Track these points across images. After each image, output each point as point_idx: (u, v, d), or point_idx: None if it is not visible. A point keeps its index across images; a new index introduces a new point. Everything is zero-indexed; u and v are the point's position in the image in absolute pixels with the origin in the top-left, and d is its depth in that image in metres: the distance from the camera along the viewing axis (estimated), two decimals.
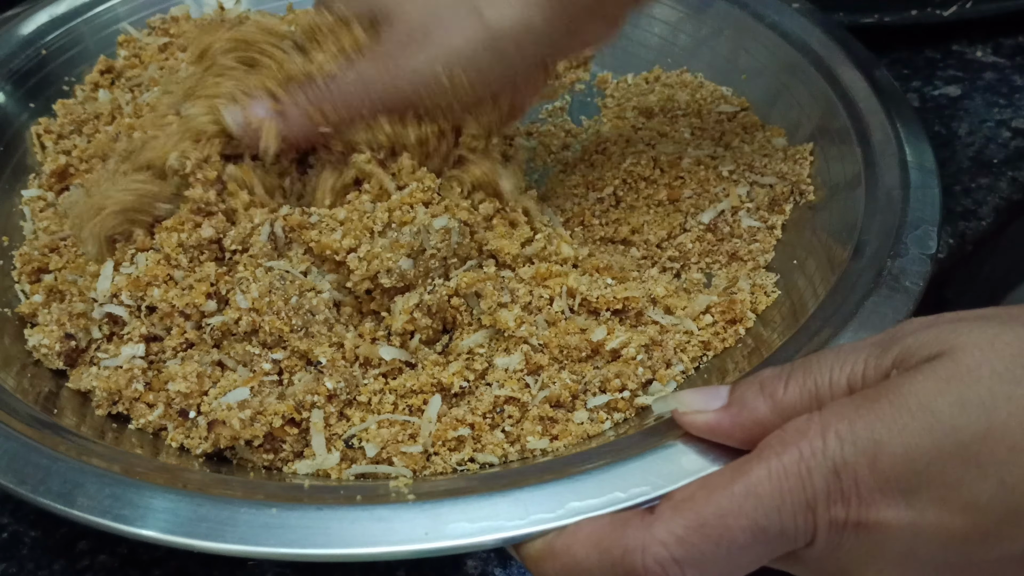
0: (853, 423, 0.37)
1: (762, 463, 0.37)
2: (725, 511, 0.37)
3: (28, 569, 0.51)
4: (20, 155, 0.67)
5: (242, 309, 0.51)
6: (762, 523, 0.37)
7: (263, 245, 0.52)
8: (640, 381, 0.52)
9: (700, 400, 0.43)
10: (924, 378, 0.36)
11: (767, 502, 0.37)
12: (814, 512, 0.37)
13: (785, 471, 0.37)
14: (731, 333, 0.56)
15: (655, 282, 0.56)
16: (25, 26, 0.72)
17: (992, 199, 0.70)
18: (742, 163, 0.66)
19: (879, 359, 0.39)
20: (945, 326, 0.38)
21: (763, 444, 0.39)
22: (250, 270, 0.52)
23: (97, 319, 0.53)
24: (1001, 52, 0.83)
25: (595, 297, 0.54)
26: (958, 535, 0.36)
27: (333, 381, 0.50)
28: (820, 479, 0.37)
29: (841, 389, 0.39)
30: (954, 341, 0.37)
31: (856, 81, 0.66)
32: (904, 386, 0.36)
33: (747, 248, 0.62)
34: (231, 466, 0.49)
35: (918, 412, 0.36)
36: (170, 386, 0.50)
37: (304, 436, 0.49)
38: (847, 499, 0.37)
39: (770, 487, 0.37)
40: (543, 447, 0.50)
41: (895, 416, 0.36)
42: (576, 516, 0.41)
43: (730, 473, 0.38)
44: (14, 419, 0.47)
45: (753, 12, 0.74)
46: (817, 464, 0.37)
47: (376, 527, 0.41)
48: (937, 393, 0.36)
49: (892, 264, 0.53)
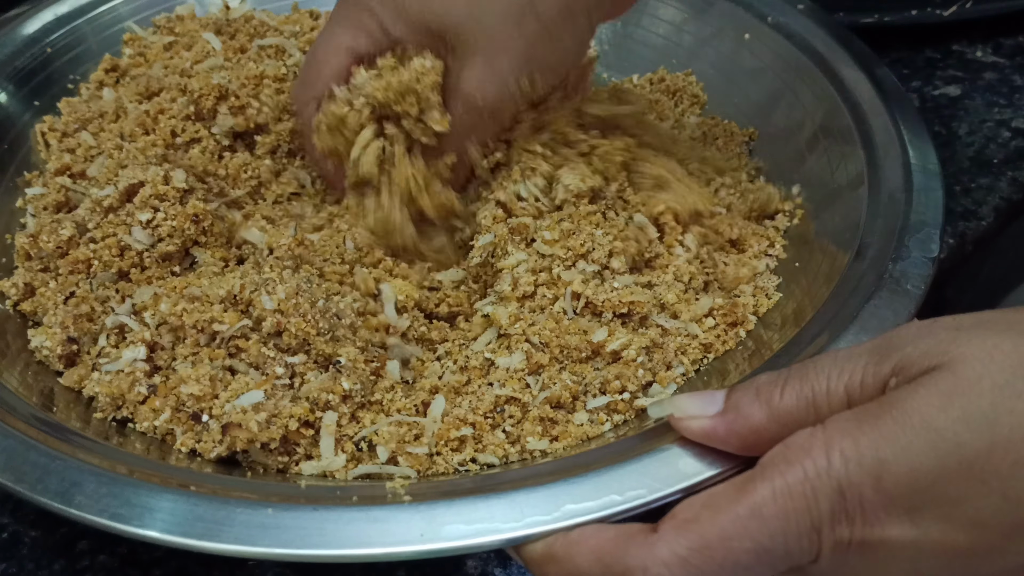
0: (857, 441, 0.36)
1: (766, 482, 0.37)
2: (729, 533, 0.37)
3: (28, 569, 0.51)
4: (24, 153, 0.67)
5: (267, 310, 0.51)
6: (766, 544, 0.37)
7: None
8: (640, 383, 0.52)
9: (696, 405, 0.43)
10: (926, 393, 0.36)
11: (772, 524, 0.37)
12: (819, 532, 0.37)
13: (789, 491, 0.37)
14: (732, 335, 0.56)
15: (667, 288, 0.56)
16: (29, 25, 0.73)
17: (992, 199, 0.70)
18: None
19: (877, 367, 0.39)
20: (943, 334, 0.38)
21: (766, 460, 0.38)
22: (276, 271, 0.53)
23: (109, 327, 0.53)
24: (1001, 52, 0.83)
25: (600, 300, 0.54)
26: (963, 551, 0.36)
27: (350, 382, 0.50)
28: (825, 500, 0.36)
29: (838, 397, 0.39)
30: (954, 352, 0.37)
31: (860, 82, 0.66)
32: (907, 402, 0.36)
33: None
34: (241, 470, 0.49)
35: (921, 430, 0.36)
36: (182, 389, 0.49)
37: (318, 438, 0.50)
38: (852, 519, 0.37)
39: (775, 508, 0.37)
40: (543, 448, 0.50)
41: (899, 434, 0.36)
42: (572, 519, 0.41)
43: (734, 492, 0.38)
44: (14, 418, 0.48)
45: (757, 12, 0.74)
46: (822, 484, 0.36)
47: (372, 528, 0.41)
48: (939, 409, 0.36)
49: (894, 267, 0.52)
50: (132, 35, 0.75)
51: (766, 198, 0.64)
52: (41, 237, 0.57)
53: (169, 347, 0.52)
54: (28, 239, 0.58)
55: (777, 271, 0.60)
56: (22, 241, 0.58)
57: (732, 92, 0.74)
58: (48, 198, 0.62)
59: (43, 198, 0.62)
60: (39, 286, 0.57)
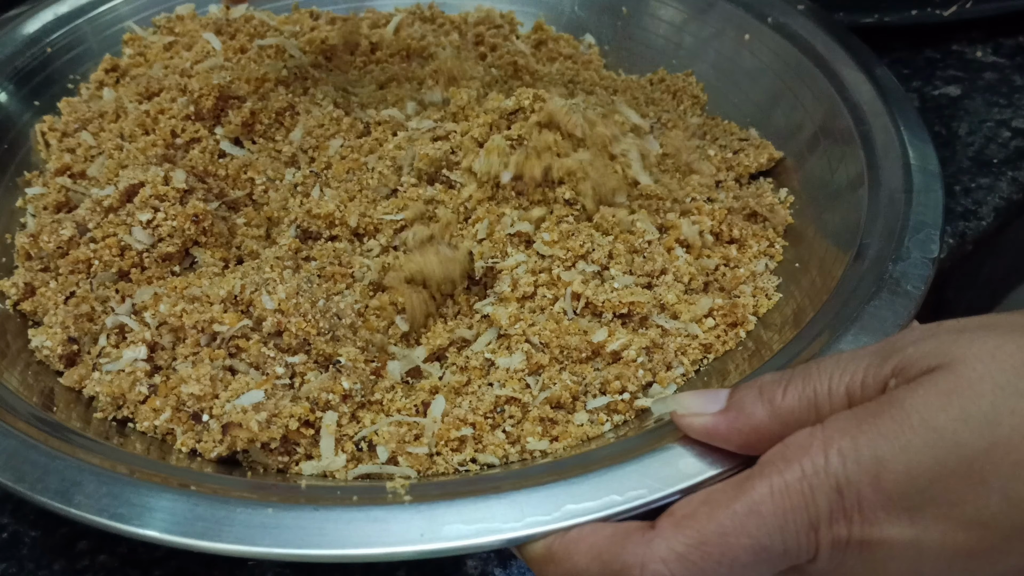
0: (856, 439, 0.36)
1: (764, 480, 0.37)
2: (727, 529, 0.37)
3: (28, 569, 0.51)
4: (24, 153, 0.67)
5: (267, 310, 0.51)
6: (764, 542, 0.37)
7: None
8: (640, 383, 0.52)
9: (699, 403, 0.43)
10: (926, 392, 0.36)
11: (769, 521, 0.37)
12: (816, 531, 0.37)
13: (787, 489, 0.37)
14: (732, 336, 0.56)
15: (668, 288, 0.56)
16: (29, 25, 0.72)
17: (992, 199, 0.70)
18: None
19: (878, 368, 0.39)
20: (946, 336, 0.38)
21: (765, 459, 0.38)
22: (277, 271, 0.53)
23: (109, 327, 0.54)
24: (1001, 52, 0.83)
25: (600, 301, 0.54)
26: (962, 551, 0.36)
27: (350, 382, 0.50)
28: (823, 497, 0.36)
29: (840, 398, 0.39)
30: (955, 352, 0.37)
31: (860, 83, 0.65)
32: (906, 401, 0.36)
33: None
34: (241, 469, 0.49)
35: (920, 428, 0.36)
36: (183, 388, 0.49)
37: (318, 438, 0.50)
38: (850, 517, 0.37)
39: (772, 506, 0.37)
40: (543, 448, 0.50)
41: (898, 432, 0.36)
42: (572, 519, 0.41)
43: (732, 490, 0.38)
44: (14, 417, 0.48)
45: (757, 13, 0.74)
46: (820, 482, 0.36)
47: (372, 528, 0.41)
48: (939, 408, 0.36)
49: (894, 267, 0.52)
50: (132, 35, 0.75)
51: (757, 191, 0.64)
52: (41, 237, 0.57)
53: (169, 347, 0.52)
54: (28, 239, 0.58)
55: (777, 271, 0.60)
56: (22, 241, 0.58)
57: (732, 93, 0.73)
58: (48, 198, 0.62)
59: (43, 198, 0.62)
60: (39, 286, 0.57)
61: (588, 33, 0.81)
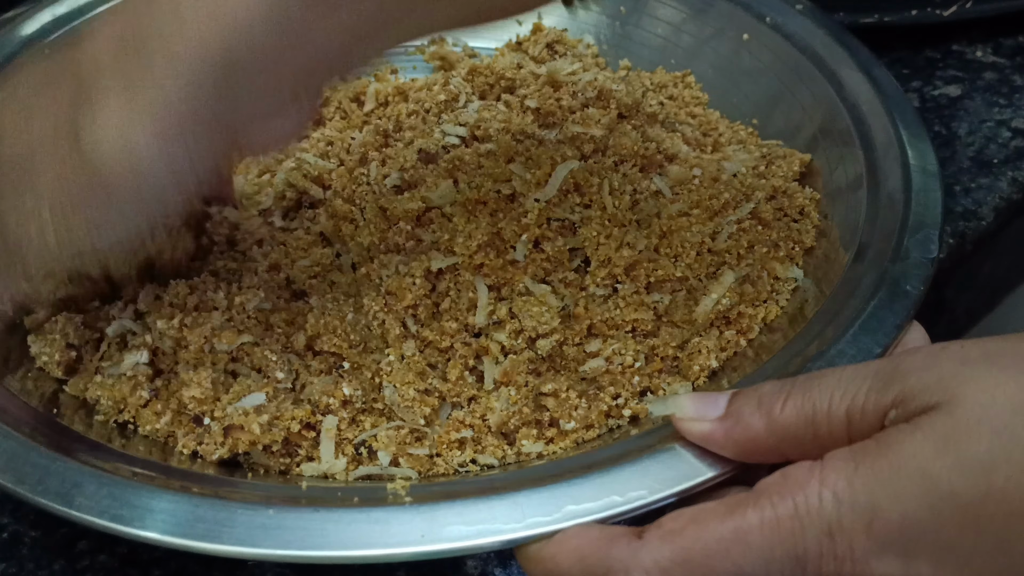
0: (852, 483, 0.36)
1: (756, 510, 0.37)
2: (712, 552, 0.37)
3: (28, 569, 0.51)
4: None
5: None
6: (747, 570, 0.37)
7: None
8: (635, 391, 0.52)
9: (698, 407, 0.43)
10: (923, 437, 0.36)
11: (755, 551, 0.37)
12: (804, 568, 0.37)
13: (778, 523, 0.37)
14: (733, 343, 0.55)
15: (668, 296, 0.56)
16: (27, 26, 0.72)
17: (992, 199, 0.70)
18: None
19: (879, 395, 0.39)
20: (948, 367, 0.38)
21: (760, 487, 0.38)
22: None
23: (111, 336, 0.53)
24: (1001, 52, 0.83)
25: (604, 320, 0.53)
26: None
27: (351, 388, 0.50)
28: (812, 538, 0.36)
29: (839, 419, 0.39)
30: (955, 390, 0.37)
31: (859, 83, 0.65)
32: (904, 445, 0.36)
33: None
34: (242, 471, 0.49)
35: (916, 476, 0.36)
36: (184, 392, 0.49)
37: (319, 440, 0.50)
38: (840, 560, 0.37)
39: (760, 537, 0.37)
40: (538, 451, 0.50)
41: (893, 480, 0.36)
42: (573, 520, 0.41)
43: (724, 511, 0.38)
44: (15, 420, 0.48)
45: (756, 13, 0.73)
46: (811, 522, 0.37)
47: (372, 529, 0.41)
48: (935, 455, 0.36)
49: (893, 267, 0.52)
50: None
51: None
52: None
53: (171, 352, 0.52)
54: None
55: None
56: None
57: (731, 92, 0.73)
58: None
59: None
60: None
61: (587, 33, 0.80)
